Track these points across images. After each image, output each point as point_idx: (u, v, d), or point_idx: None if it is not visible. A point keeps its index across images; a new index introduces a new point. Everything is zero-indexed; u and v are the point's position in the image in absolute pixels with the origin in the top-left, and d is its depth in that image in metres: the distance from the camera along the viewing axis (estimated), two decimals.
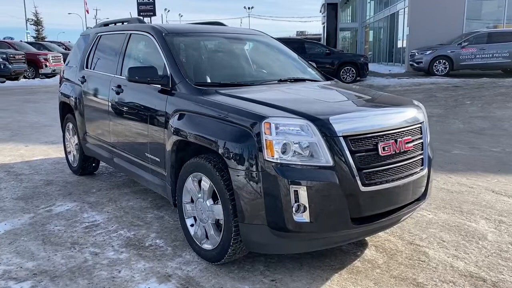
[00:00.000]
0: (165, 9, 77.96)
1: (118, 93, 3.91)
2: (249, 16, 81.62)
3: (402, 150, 2.77)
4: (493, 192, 4.39)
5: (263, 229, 2.58)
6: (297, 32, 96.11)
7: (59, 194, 4.43)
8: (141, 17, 32.23)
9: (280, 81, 3.61)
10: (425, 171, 2.99)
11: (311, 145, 2.53)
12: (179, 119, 3.10)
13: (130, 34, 4.09)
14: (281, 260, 2.99)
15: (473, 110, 9.97)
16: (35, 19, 47.13)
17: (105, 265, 2.96)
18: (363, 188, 2.59)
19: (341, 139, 2.55)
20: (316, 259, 3.02)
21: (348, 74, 16.69)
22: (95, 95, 4.39)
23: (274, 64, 4.15)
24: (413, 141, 2.88)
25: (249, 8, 79.40)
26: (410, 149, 2.84)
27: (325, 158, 2.53)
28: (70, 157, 5.20)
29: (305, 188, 2.48)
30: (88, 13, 48.52)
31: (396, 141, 2.74)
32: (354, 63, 16.72)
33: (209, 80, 3.44)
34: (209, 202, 2.89)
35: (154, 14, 35.92)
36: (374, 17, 30.14)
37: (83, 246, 3.24)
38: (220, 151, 2.70)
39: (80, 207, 4.04)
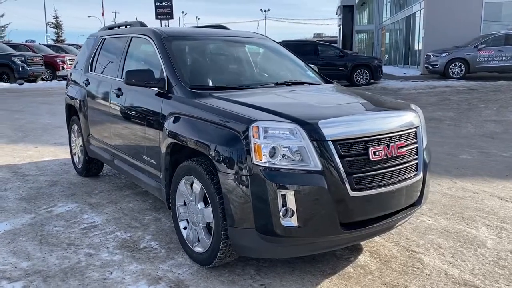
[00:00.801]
0: (182, 12, 78.52)
1: (118, 95, 3.95)
2: (265, 19, 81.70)
3: (394, 155, 2.73)
4: (498, 198, 4.30)
5: (252, 233, 2.57)
6: (314, 34, 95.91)
7: (62, 195, 4.49)
8: (159, 18, 32.58)
9: (277, 84, 3.60)
10: (420, 176, 2.93)
11: (300, 149, 2.51)
12: (173, 121, 3.11)
13: (131, 37, 4.14)
14: (273, 265, 2.98)
15: (487, 113, 9.77)
16: (55, 22, 48.14)
17: (98, 266, 2.99)
18: (352, 193, 2.56)
19: (330, 143, 2.53)
20: (308, 263, 2.99)
21: (361, 76, 16.54)
22: (97, 97, 4.44)
23: (273, 67, 4.15)
24: (406, 145, 2.84)
25: (265, 10, 79.49)
26: (403, 154, 2.79)
27: (314, 162, 2.51)
28: (75, 159, 5.28)
29: (292, 192, 2.46)
30: (103, 16, 49.15)
31: (388, 145, 2.70)
32: (367, 65, 16.57)
33: (204, 83, 3.45)
34: (200, 205, 2.89)
35: (172, 17, 36.31)
36: (391, 19, 29.86)
37: (79, 247, 3.27)
38: (210, 154, 2.71)
39: (80, 208, 4.09)
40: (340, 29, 38.42)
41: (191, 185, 2.97)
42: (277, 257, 2.92)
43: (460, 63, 17.05)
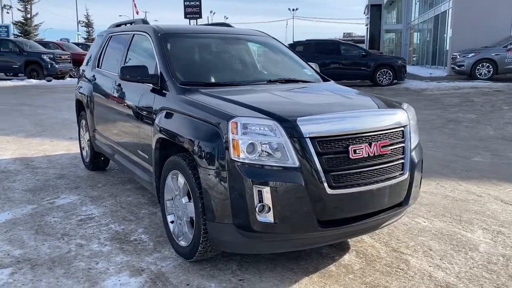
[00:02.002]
0: (211, 11, 79.13)
1: (118, 91, 4.04)
2: (293, 18, 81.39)
3: (377, 154, 2.70)
4: (501, 201, 4.17)
5: (230, 228, 2.60)
6: (344, 33, 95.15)
7: (66, 187, 4.62)
8: (188, 18, 32.97)
9: (270, 81, 3.61)
10: (406, 176, 2.88)
11: (278, 145, 2.52)
12: (163, 117, 3.16)
13: (133, 34, 4.22)
14: (256, 260, 2.99)
15: (510, 116, 9.46)
16: (86, 21, 49.47)
17: (85, 256, 3.07)
18: (330, 191, 2.54)
19: (308, 140, 2.52)
20: (292, 261, 2.99)
21: (384, 76, 16.29)
22: (101, 93, 4.55)
23: (269, 64, 4.16)
24: (391, 145, 2.79)
25: (293, 9, 79.08)
26: (387, 153, 2.76)
27: (291, 159, 2.51)
28: (84, 153, 5.42)
29: (269, 188, 2.47)
30: (138, 14, 50.18)
31: (370, 144, 2.67)
32: (391, 65, 16.31)
33: (196, 80, 3.48)
34: (184, 199, 2.93)
35: (200, 17, 36.74)
36: (419, 19, 29.25)
37: (72, 238, 3.37)
38: (191, 149, 2.74)
39: (81, 201, 4.20)
40: (367, 28, 37.97)
41: (177, 179, 3.01)
42: (255, 253, 2.93)
43: (488, 64, 16.57)
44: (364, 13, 40.74)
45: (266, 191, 2.48)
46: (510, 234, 3.43)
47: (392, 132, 2.82)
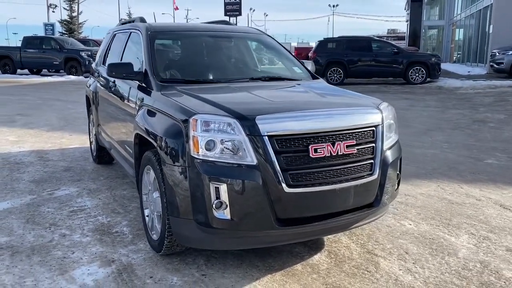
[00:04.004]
0: (251, 9, 79.38)
1: (112, 87, 4.17)
2: (333, 14, 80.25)
3: (340, 153, 2.66)
4: (500, 206, 3.99)
5: (191, 224, 2.64)
6: (388, 30, 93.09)
7: (70, 179, 4.81)
8: (228, 15, 33.18)
9: (252, 79, 3.61)
10: (375, 176, 2.82)
11: (236, 143, 2.54)
12: (141, 113, 3.25)
13: (130, 32, 4.33)
14: (225, 256, 3.01)
15: None
16: (128, 18, 50.84)
17: (65, 246, 3.20)
18: (288, 189, 2.54)
19: (266, 138, 2.52)
20: (259, 258, 2.99)
21: (417, 74, 15.81)
22: (102, 89, 4.71)
23: (256, 62, 4.14)
24: (359, 144, 2.74)
25: (333, 6, 77.94)
26: (353, 152, 2.71)
27: (249, 157, 2.52)
28: (92, 147, 5.62)
29: (225, 186, 2.50)
30: (177, 9, 51.13)
31: (333, 143, 2.64)
32: (424, 63, 15.81)
33: (177, 77, 3.54)
34: (155, 194, 3.00)
35: (240, 14, 37.02)
36: (461, 14, 28.12)
37: (58, 228, 3.52)
38: (158, 144, 2.81)
39: (79, 193, 4.37)
40: (407, 24, 36.96)
41: (150, 174, 3.08)
42: (216, 249, 2.95)
43: None
44: (405, 9, 39.66)
45: (223, 188, 2.50)
46: (496, 240, 3.28)
47: (360, 131, 2.77)
